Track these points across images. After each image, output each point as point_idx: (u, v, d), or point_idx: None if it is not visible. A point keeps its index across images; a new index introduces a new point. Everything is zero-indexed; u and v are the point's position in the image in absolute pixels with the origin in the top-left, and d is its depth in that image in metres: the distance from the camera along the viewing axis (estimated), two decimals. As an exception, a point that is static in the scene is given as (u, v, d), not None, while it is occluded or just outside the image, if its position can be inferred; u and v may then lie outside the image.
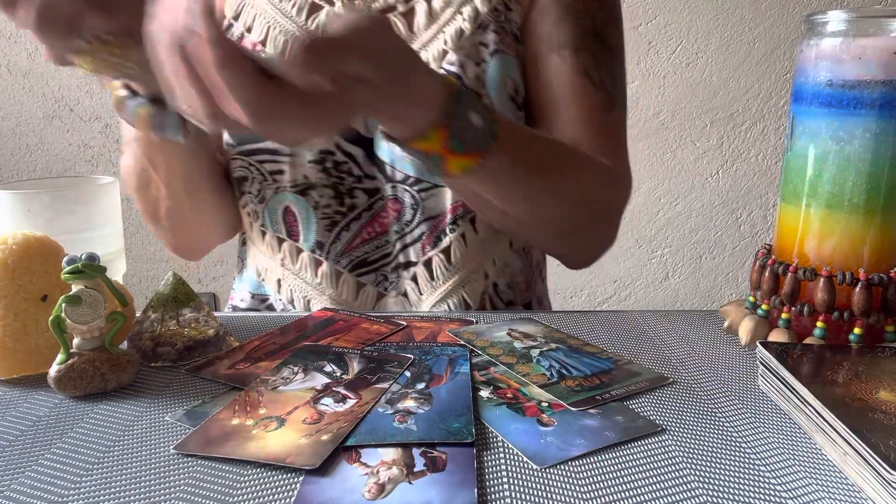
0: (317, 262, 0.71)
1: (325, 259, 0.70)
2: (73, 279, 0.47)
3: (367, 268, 0.71)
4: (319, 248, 0.70)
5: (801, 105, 0.52)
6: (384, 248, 0.70)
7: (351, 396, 0.45)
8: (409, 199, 0.69)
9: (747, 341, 0.55)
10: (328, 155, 0.68)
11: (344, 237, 0.70)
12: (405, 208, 0.69)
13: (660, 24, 1.80)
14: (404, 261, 0.71)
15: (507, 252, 0.74)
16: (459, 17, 0.68)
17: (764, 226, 1.90)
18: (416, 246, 0.70)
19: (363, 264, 0.71)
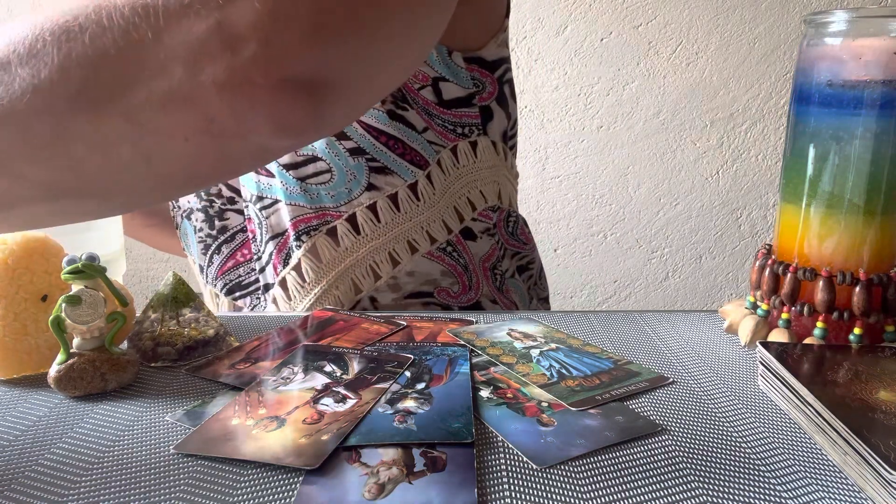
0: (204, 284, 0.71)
1: (206, 282, 0.70)
2: (73, 279, 0.47)
3: (241, 291, 0.69)
4: (201, 272, 0.70)
5: (801, 105, 0.52)
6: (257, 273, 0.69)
7: (351, 396, 0.45)
8: (256, 219, 0.65)
9: (747, 341, 0.55)
10: None
11: (216, 260, 0.68)
12: (257, 228, 0.65)
13: (660, 24, 1.80)
14: (264, 283, 0.68)
15: (411, 260, 0.67)
16: None
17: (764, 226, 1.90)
18: (269, 267, 0.66)
19: (238, 287, 0.69)
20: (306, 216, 0.63)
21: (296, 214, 0.63)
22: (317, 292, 0.65)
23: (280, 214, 0.64)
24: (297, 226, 0.63)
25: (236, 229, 0.67)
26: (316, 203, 0.62)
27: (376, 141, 0.62)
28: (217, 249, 0.68)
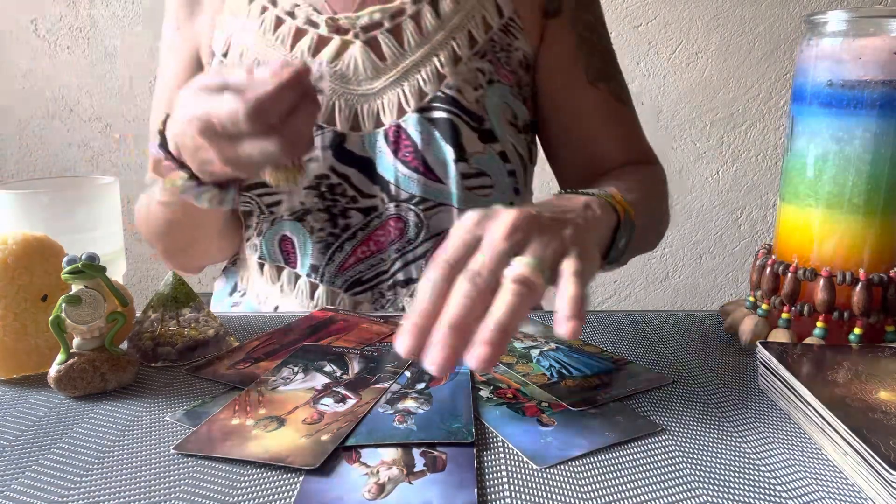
0: (312, 286, 0.71)
1: (321, 282, 0.70)
2: (73, 279, 0.47)
3: (362, 286, 0.71)
4: (314, 272, 0.70)
5: (801, 105, 0.52)
6: (379, 266, 0.70)
7: (351, 396, 0.45)
8: (414, 218, 0.69)
9: (747, 341, 0.55)
10: (323, 179, 0.68)
11: (337, 258, 0.70)
12: (409, 227, 0.69)
13: (660, 24, 1.80)
14: (404, 278, 0.70)
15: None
16: (454, 42, 0.69)
17: (764, 226, 1.90)
18: (418, 263, 0.70)
19: (358, 283, 0.70)
20: None
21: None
22: None
23: (443, 217, 0.69)
24: None
25: (357, 227, 0.70)
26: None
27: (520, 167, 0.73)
28: (339, 247, 0.70)
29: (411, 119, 0.67)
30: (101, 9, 1.75)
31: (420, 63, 0.68)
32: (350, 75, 0.68)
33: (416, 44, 0.68)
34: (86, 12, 1.76)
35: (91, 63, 1.78)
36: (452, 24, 0.69)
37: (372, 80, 0.68)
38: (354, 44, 0.68)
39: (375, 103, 0.68)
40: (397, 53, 0.68)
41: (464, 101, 0.68)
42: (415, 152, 0.67)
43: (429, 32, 0.68)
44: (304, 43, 0.68)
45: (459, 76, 0.68)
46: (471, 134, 0.68)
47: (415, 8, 0.69)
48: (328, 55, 0.68)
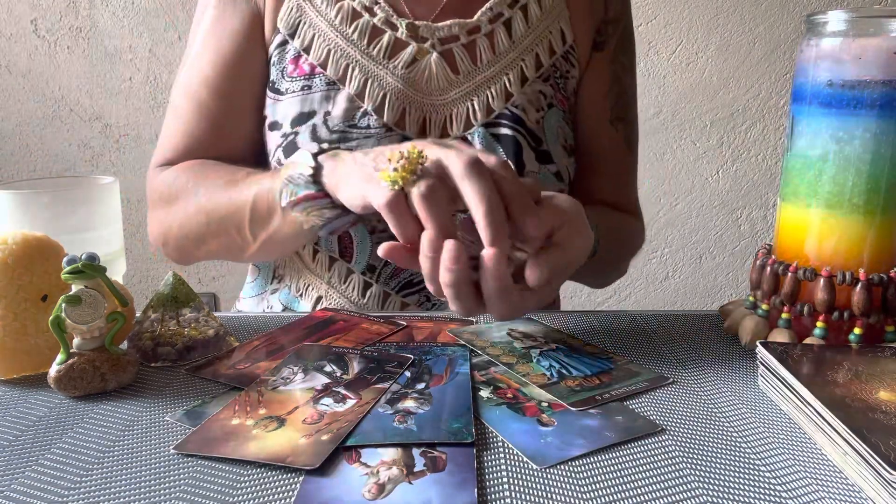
0: (366, 284, 0.71)
1: (376, 282, 0.71)
2: (73, 279, 0.47)
3: (412, 288, 0.71)
4: (370, 271, 0.71)
5: (801, 105, 0.52)
6: None
7: (351, 396, 0.45)
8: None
9: (747, 341, 0.55)
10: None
11: None
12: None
13: (660, 24, 1.80)
14: None
15: None
16: (523, 63, 0.71)
17: (764, 226, 1.90)
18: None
19: (409, 285, 0.71)
20: None
21: None
22: None
23: None
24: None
25: None
26: None
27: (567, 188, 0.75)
28: None
29: (478, 132, 0.69)
30: (101, 9, 1.75)
31: (491, 80, 0.70)
32: (423, 83, 0.69)
33: (488, 61, 0.70)
34: (86, 12, 1.76)
35: (91, 63, 1.78)
36: (523, 46, 0.71)
37: (443, 91, 0.69)
38: (431, 54, 0.69)
39: (444, 113, 0.69)
40: (470, 68, 0.70)
41: (527, 120, 0.70)
42: None
43: (501, 52, 0.70)
44: (382, 42, 0.68)
45: (525, 97, 0.70)
46: (530, 153, 0.70)
47: (490, 27, 0.71)
48: (405, 60, 0.69)
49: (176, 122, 0.74)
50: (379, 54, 0.68)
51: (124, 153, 1.82)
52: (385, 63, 0.68)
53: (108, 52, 1.78)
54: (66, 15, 1.76)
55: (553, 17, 0.73)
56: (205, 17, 0.74)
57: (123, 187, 0.70)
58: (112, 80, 1.79)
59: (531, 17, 0.72)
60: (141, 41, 1.76)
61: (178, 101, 0.75)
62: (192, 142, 0.74)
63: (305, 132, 0.68)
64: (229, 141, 0.74)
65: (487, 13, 0.71)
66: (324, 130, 0.68)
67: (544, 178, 0.71)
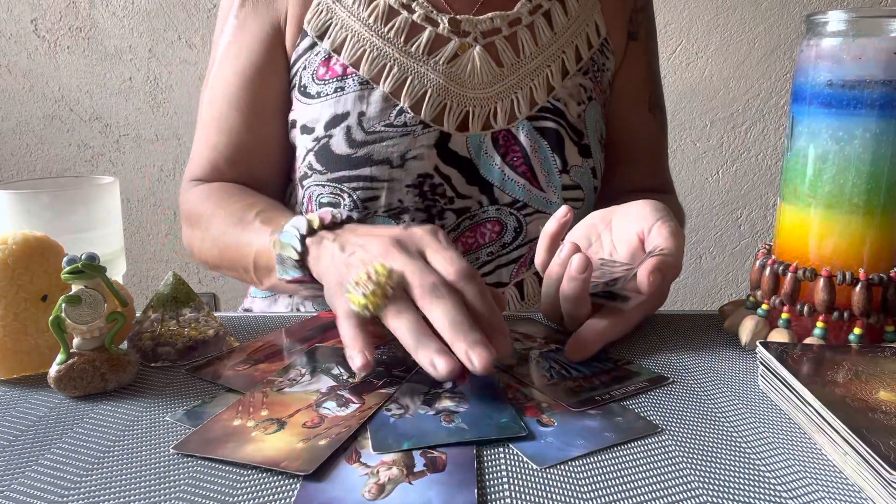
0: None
1: None
2: (73, 279, 0.47)
3: None
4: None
5: (801, 105, 0.52)
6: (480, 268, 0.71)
7: (354, 401, 0.45)
8: (514, 223, 0.70)
9: (747, 341, 0.55)
10: (426, 178, 0.68)
11: None
12: (507, 230, 0.70)
13: (660, 24, 1.80)
14: (492, 282, 0.71)
15: None
16: (564, 56, 0.71)
17: (764, 226, 1.90)
18: (509, 267, 0.71)
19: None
20: None
21: None
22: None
23: (540, 223, 0.70)
24: None
25: (450, 227, 0.70)
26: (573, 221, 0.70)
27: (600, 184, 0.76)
28: None
29: (522, 126, 0.69)
30: (101, 9, 1.75)
31: (534, 72, 0.70)
32: (465, 78, 0.68)
33: (531, 53, 0.70)
34: (86, 12, 1.76)
35: (91, 63, 1.78)
36: (564, 38, 0.71)
37: (488, 84, 0.69)
38: (474, 47, 0.69)
39: (489, 107, 0.69)
40: (514, 60, 0.70)
41: (569, 114, 0.70)
42: (524, 158, 0.69)
43: (543, 44, 0.70)
44: (422, 39, 0.68)
45: (566, 90, 0.70)
46: (572, 147, 0.70)
47: (531, 19, 0.70)
48: (447, 55, 0.68)
49: (202, 137, 0.75)
50: (418, 51, 0.68)
51: (124, 153, 1.82)
52: (426, 59, 0.68)
53: (108, 52, 1.78)
54: (66, 15, 1.76)
55: (588, 8, 0.73)
56: (226, 28, 0.73)
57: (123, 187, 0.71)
58: (112, 80, 1.79)
59: (570, 9, 0.72)
60: (141, 41, 1.76)
61: (204, 115, 0.75)
62: (217, 156, 0.74)
63: (339, 134, 0.67)
64: (256, 154, 0.74)
65: (527, 5, 0.70)
66: (358, 132, 0.67)
67: (584, 173, 0.71)
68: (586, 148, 0.71)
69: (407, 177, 0.67)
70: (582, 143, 0.71)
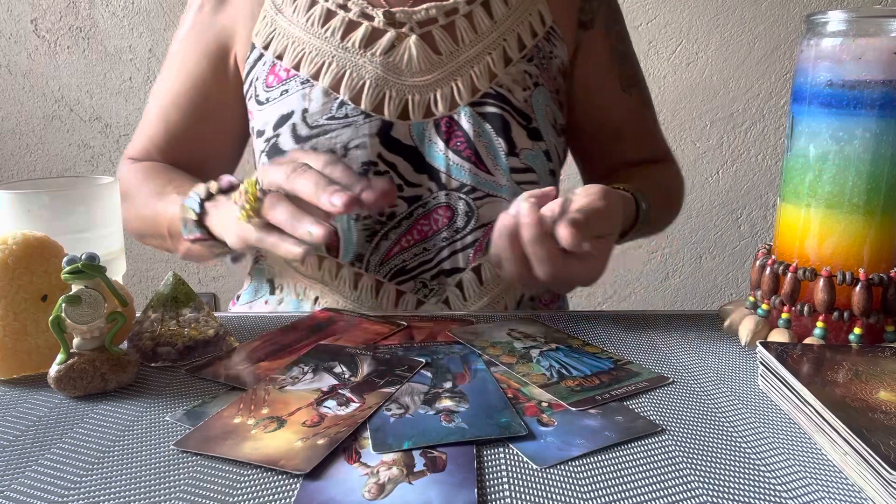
0: (356, 275, 0.71)
1: (365, 271, 0.71)
2: (73, 279, 0.47)
3: (405, 276, 0.71)
4: (359, 261, 0.71)
5: (801, 105, 0.52)
6: (422, 256, 0.71)
7: (355, 400, 0.45)
8: (464, 207, 0.70)
9: (747, 341, 0.55)
10: (370, 166, 0.69)
11: (383, 246, 0.70)
12: (458, 215, 0.71)
13: (660, 24, 1.80)
14: (450, 267, 0.71)
15: None
16: (505, 43, 0.71)
17: (764, 226, 1.90)
18: (465, 252, 0.71)
19: (402, 272, 0.71)
20: None
21: None
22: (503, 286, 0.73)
23: (492, 207, 0.71)
24: None
25: (402, 216, 0.71)
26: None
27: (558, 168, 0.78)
28: (385, 235, 0.71)
29: (464, 111, 0.69)
30: (101, 9, 1.75)
31: (474, 60, 0.70)
32: (403, 67, 0.69)
33: (470, 41, 0.71)
34: (86, 12, 1.76)
35: (91, 63, 1.78)
36: (505, 27, 0.71)
37: (426, 72, 0.70)
38: (410, 37, 0.70)
39: (428, 95, 0.70)
40: (452, 48, 0.70)
41: (514, 99, 0.70)
42: (467, 142, 0.69)
43: (483, 32, 0.71)
44: (357, 34, 0.69)
45: (510, 76, 0.71)
46: (520, 130, 0.71)
47: (468, 8, 0.71)
48: (383, 47, 0.69)
49: (145, 122, 0.81)
50: (354, 46, 0.69)
51: (124, 153, 1.82)
52: (362, 52, 0.69)
53: (108, 52, 1.78)
54: (66, 15, 1.76)
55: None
56: (183, 27, 0.78)
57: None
58: (112, 80, 1.79)
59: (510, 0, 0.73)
60: (141, 41, 1.76)
61: (151, 105, 0.81)
62: (151, 146, 0.80)
63: (286, 133, 0.70)
64: (189, 150, 0.79)
65: None
66: (303, 128, 0.69)
67: (536, 156, 0.72)
68: (536, 131, 0.72)
69: (351, 166, 0.69)
70: (531, 127, 0.71)
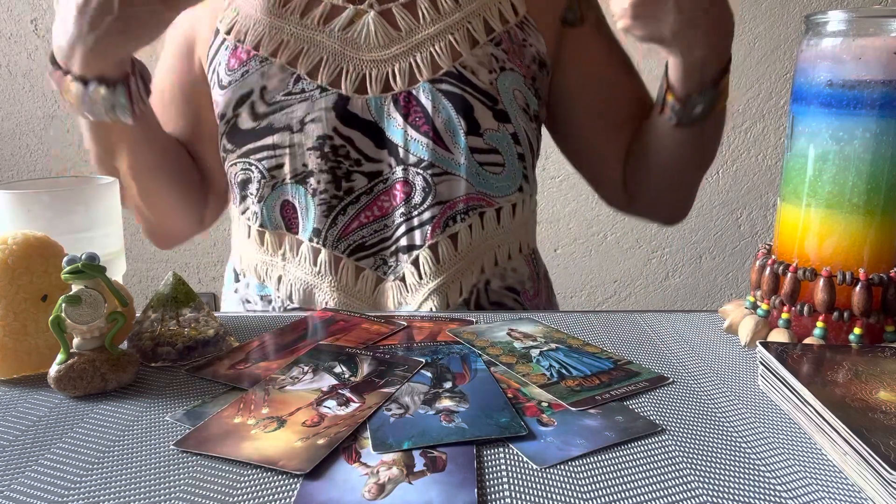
0: (315, 251, 0.71)
1: (324, 246, 0.71)
2: (73, 279, 0.47)
3: (364, 252, 0.71)
4: (317, 236, 0.71)
5: (801, 105, 0.52)
6: (382, 232, 0.71)
7: (355, 400, 0.45)
8: (422, 183, 0.70)
9: (747, 341, 0.55)
10: (326, 140, 0.69)
11: (341, 221, 0.70)
12: (415, 191, 0.70)
13: (660, 24, 1.80)
14: (407, 244, 0.71)
15: (517, 256, 0.76)
16: (469, 25, 0.71)
17: (764, 226, 1.90)
18: (423, 229, 0.71)
19: (361, 248, 0.71)
20: (475, 195, 0.72)
21: (468, 191, 0.72)
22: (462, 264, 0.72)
23: (450, 185, 0.71)
24: (469, 200, 0.72)
25: (361, 191, 0.71)
26: (482, 187, 0.72)
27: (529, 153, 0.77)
28: (343, 210, 0.71)
29: (424, 88, 0.69)
30: (101, 9, 1.75)
31: (435, 37, 0.70)
32: (360, 42, 0.69)
33: (432, 19, 0.70)
34: (86, 12, 1.76)
35: (91, 63, 1.78)
36: (469, 10, 0.71)
37: (384, 47, 0.70)
38: (368, 13, 0.70)
39: (386, 69, 0.70)
40: (412, 25, 0.70)
41: (477, 81, 0.70)
42: (425, 118, 0.69)
43: (445, 12, 0.71)
44: (317, 12, 0.70)
45: (475, 58, 0.70)
46: (485, 111, 0.71)
47: None
48: (341, 23, 0.69)
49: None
50: (313, 23, 0.70)
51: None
52: (321, 29, 0.70)
53: (108, 52, 1.78)
54: (66, 15, 1.76)
55: None
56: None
57: (123, 187, 0.71)
58: (112, 80, 1.79)
59: None
60: (141, 41, 1.76)
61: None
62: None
63: (245, 112, 0.70)
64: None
65: None
66: (261, 105, 0.70)
67: (502, 137, 0.72)
68: (502, 113, 0.71)
69: (307, 140, 0.69)
70: (497, 108, 0.71)
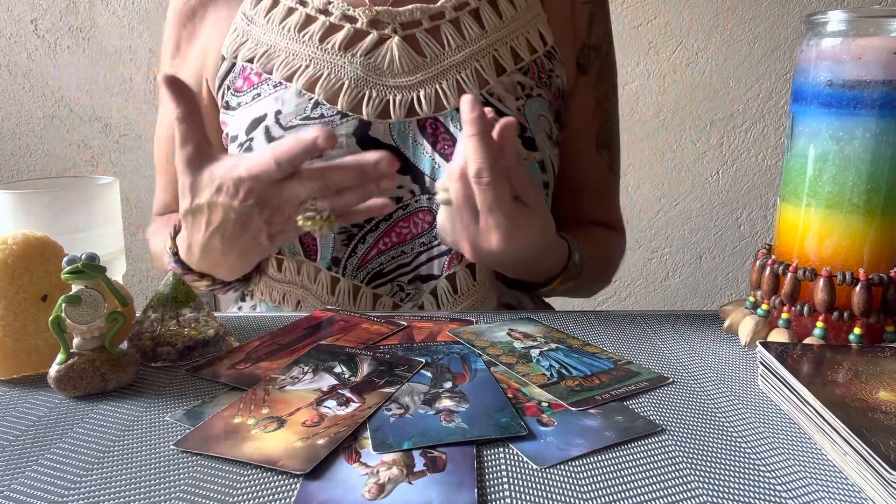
0: (334, 280, 0.70)
1: (342, 276, 0.70)
2: (73, 279, 0.47)
3: (382, 279, 0.71)
4: (335, 265, 0.70)
5: (801, 105, 0.52)
6: (400, 259, 0.70)
7: (355, 400, 0.45)
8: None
9: (747, 341, 0.55)
10: None
11: (360, 250, 0.70)
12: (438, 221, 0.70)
13: (660, 24, 1.80)
14: (425, 273, 0.71)
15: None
16: (496, 52, 0.70)
17: (764, 226, 1.90)
18: (441, 259, 0.70)
19: (379, 276, 0.70)
20: None
21: None
22: (480, 293, 0.72)
23: None
24: None
25: (379, 219, 0.70)
26: None
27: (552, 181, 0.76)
28: (362, 239, 0.70)
29: (451, 115, 0.68)
30: (101, 9, 1.75)
31: (461, 64, 0.69)
32: (384, 68, 0.68)
33: (457, 46, 0.69)
34: (86, 12, 1.76)
35: (91, 63, 1.78)
36: (496, 37, 0.70)
37: (408, 73, 0.69)
38: (392, 38, 0.69)
39: (411, 95, 0.68)
40: (438, 52, 0.69)
41: (505, 109, 0.69)
42: (454, 147, 0.68)
43: (471, 38, 0.70)
44: (338, 37, 0.68)
45: (502, 86, 0.70)
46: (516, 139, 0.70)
47: (455, 14, 0.70)
48: (364, 48, 0.68)
49: (157, 175, 0.83)
50: (334, 48, 0.68)
51: (124, 153, 1.82)
52: (342, 54, 0.68)
53: (107, 51, 1.78)
54: (66, 15, 1.76)
55: (528, 17, 0.73)
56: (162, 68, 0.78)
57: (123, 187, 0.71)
58: (112, 80, 1.79)
59: (504, 12, 0.72)
60: (141, 41, 1.76)
61: (155, 154, 0.82)
62: (165, 195, 0.82)
63: (259, 136, 0.68)
64: None
65: (451, 1, 0.70)
66: (277, 129, 0.68)
67: (531, 167, 0.71)
68: (530, 140, 0.71)
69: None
70: (525, 136, 0.70)
